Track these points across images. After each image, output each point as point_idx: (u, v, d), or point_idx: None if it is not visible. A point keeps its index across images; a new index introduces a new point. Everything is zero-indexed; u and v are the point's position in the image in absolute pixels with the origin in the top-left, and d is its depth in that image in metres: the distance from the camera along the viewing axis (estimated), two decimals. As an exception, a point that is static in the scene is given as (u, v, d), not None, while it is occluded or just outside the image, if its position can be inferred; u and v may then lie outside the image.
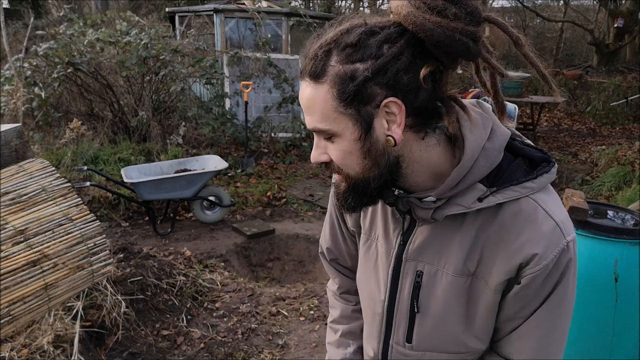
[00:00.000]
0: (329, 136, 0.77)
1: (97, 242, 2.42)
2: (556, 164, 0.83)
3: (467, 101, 0.84)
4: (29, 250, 2.19)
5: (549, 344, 0.82)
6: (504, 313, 0.84)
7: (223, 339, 2.80)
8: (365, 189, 0.79)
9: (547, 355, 0.83)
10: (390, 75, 0.70)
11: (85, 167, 4.31)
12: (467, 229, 0.81)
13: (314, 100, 0.74)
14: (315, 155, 0.81)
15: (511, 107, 5.92)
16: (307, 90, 0.75)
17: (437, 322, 0.88)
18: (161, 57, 5.67)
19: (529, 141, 0.87)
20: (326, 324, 3.14)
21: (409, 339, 0.92)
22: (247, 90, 5.81)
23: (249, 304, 3.13)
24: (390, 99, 0.72)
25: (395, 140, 0.74)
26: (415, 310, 0.89)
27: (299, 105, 7.31)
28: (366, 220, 0.97)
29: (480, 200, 0.78)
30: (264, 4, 7.27)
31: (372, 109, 0.73)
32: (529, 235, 0.77)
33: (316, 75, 0.73)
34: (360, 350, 1.10)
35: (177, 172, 4.41)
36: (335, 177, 0.84)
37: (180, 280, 3.11)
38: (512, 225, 0.78)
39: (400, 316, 0.92)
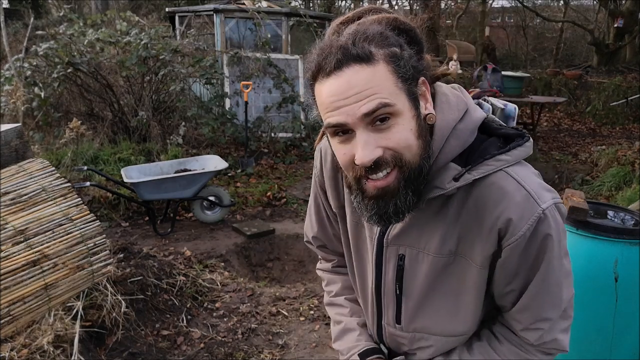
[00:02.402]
0: (386, 118, 0.74)
1: (97, 242, 2.42)
2: (531, 139, 0.85)
3: (447, 85, 0.88)
4: (29, 250, 2.19)
5: (542, 311, 0.85)
6: (495, 289, 0.87)
7: (223, 339, 2.80)
8: (421, 175, 0.78)
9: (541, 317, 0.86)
10: (416, 58, 0.78)
11: (85, 167, 4.31)
12: (444, 209, 0.83)
13: (375, 79, 0.73)
14: (369, 152, 0.74)
15: (511, 107, 5.91)
16: (360, 74, 0.72)
17: (422, 303, 0.91)
18: (161, 57, 5.67)
19: (506, 125, 0.90)
20: (327, 324, 3.14)
21: (398, 320, 0.95)
22: (247, 90, 5.81)
23: (249, 304, 3.12)
24: (422, 78, 0.78)
25: (435, 117, 0.79)
26: (398, 293, 0.92)
27: (299, 105, 7.28)
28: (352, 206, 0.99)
29: (456, 179, 0.79)
30: (264, 4, 7.27)
31: (415, 88, 0.77)
32: (504, 206, 0.78)
33: (366, 58, 0.73)
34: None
35: (177, 172, 4.41)
36: (378, 186, 0.77)
37: (180, 280, 3.11)
38: (487, 200, 0.80)
39: (388, 298, 0.95)
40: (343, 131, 0.76)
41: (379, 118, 0.73)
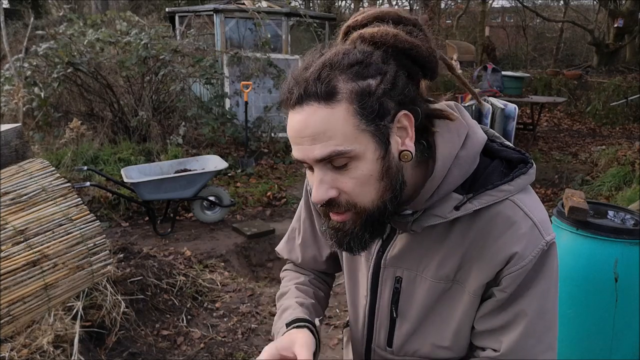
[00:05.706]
0: (344, 163, 0.71)
1: (97, 242, 2.42)
2: (534, 165, 0.81)
3: (444, 104, 0.83)
4: (29, 251, 2.19)
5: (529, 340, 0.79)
6: (480, 321, 0.82)
7: (223, 339, 2.80)
8: (381, 216, 0.75)
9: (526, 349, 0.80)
10: (399, 88, 0.71)
11: (85, 167, 4.31)
12: (447, 235, 0.81)
13: (331, 122, 0.68)
14: (322, 192, 0.72)
15: (511, 107, 5.92)
16: (317, 114, 0.69)
17: (416, 327, 0.88)
18: (161, 57, 5.67)
19: (508, 142, 0.87)
20: (326, 324, 3.13)
21: (389, 343, 0.92)
22: (247, 90, 5.81)
23: (249, 304, 3.12)
24: (403, 112, 0.72)
25: (412, 154, 0.73)
26: (394, 316, 0.89)
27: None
28: None
29: (457, 208, 0.77)
30: (264, 4, 7.27)
31: (387, 124, 0.71)
32: (508, 237, 0.76)
33: (328, 95, 0.68)
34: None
35: (177, 172, 4.41)
36: (334, 219, 0.77)
37: (180, 280, 3.11)
38: (492, 229, 0.77)
39: (381, 321, 0.92)
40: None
41: (333, 163, 0.71)
